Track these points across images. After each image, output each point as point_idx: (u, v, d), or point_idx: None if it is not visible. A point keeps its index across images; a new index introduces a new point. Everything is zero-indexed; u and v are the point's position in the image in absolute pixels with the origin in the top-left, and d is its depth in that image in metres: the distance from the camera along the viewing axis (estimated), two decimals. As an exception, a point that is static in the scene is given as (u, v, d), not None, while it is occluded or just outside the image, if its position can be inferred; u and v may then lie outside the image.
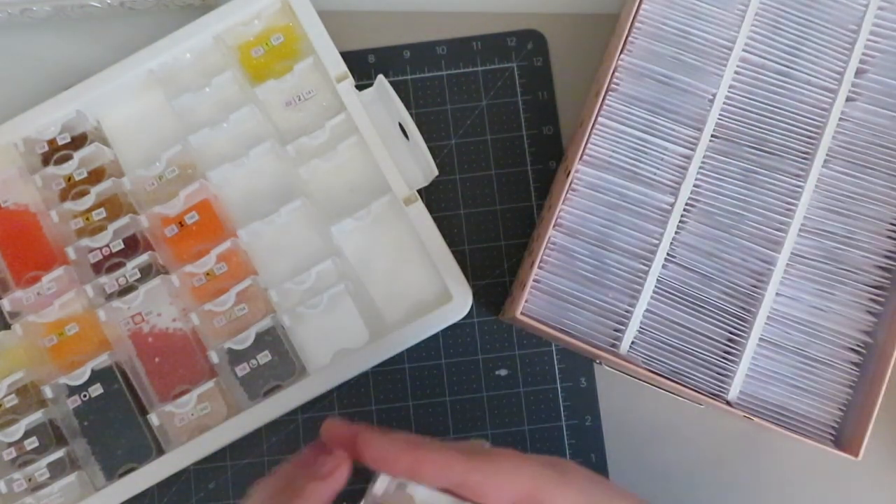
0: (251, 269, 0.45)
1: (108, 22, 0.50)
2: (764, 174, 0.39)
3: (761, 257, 0.39)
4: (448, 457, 0.28)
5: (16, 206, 0.46)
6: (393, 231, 0.46)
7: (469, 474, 0.28)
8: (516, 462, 0.29)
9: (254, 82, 0.47)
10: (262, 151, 0.46)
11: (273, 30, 0.47)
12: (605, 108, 0.40)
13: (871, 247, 0.39)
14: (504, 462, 0.29)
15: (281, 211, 0.45)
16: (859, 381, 0.38)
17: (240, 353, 0.44)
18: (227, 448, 0.43)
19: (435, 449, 0.29)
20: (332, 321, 0.45)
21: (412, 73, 0.49)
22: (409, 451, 0.28)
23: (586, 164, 0.40)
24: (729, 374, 0.38)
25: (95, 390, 0.43)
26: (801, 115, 0.40)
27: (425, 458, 0.28)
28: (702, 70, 0.40)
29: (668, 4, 0.41)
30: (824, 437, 0.38)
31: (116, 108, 0.48)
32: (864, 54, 0.40)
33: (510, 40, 0.49)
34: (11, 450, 0.43)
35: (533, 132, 0.48)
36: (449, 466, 0.28)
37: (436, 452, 0.29)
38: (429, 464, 0.28)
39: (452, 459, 0.28)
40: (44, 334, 0.45)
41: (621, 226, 0.39)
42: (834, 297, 0.39)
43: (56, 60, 0.50)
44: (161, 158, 0.46)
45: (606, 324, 0.39)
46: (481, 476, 0.28)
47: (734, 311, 0.39)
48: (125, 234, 0.45)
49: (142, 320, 0.45)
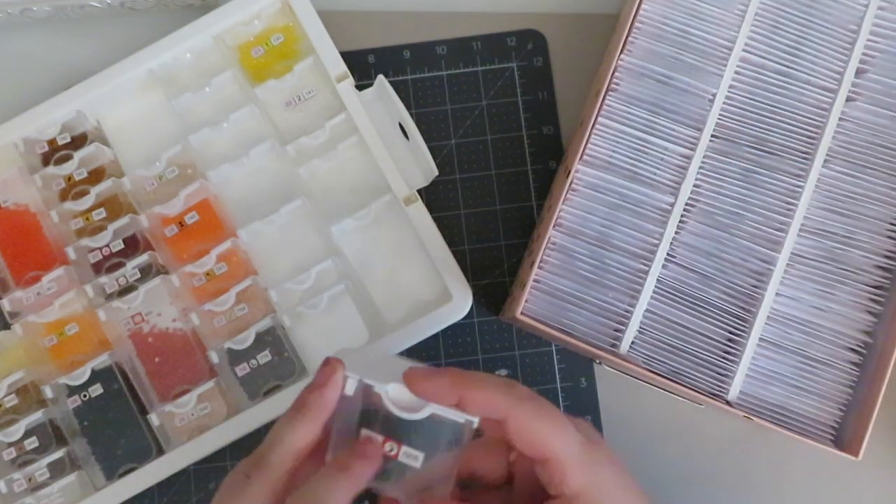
0: (251, 269, 0.45)
1: (108, 22, 0.50)
2: (764, 174, 0.39)
3: (761, 257, 0.39)
4: (495, 397, 0.30)
5: (16, 206, 0.46)
6: (393, 231, 0.46)
7: (512, 416, 0.30)
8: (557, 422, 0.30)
9: (254, 82, 0.47)
10: (262, 151, 0.46)
11: (273, 30, 0.47)
12: (605, 108, 0.40)
13: (871, 247, 0.39)
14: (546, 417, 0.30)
15: (281, 211, 0.45)
16: (859, 381, 0.38)
17: (240, 353, 0.44)
18: (227, 448, 0.43)
19: (482, 387, 0.31)
20: (332, 321, 0.45)
21: (412, 73, 0.49)
22: (455, 389, 0.31)
23: (586, 164, 0.40)
24: (729, 374, 0.38)
25: (95, 390, 0.43)
26: (801, 115, 0.40)
27: (473, 397, 0.30)
28: (702, 70, 0.40)
29: (668, 4, 0.41)
30: (824, 437, 0.38)
31: (116, 108, 0.48)
32: (864, 54, 0.40)
33: (510, 40, 0.49)
34: (11, 450, 0.43)
35: (533, 132, 0.48)
36: (495, 407, 0.30)
37: (483, 391, 0.30)
38: (474, 403, 0.30)
39: (499, 400, 0.30)
40: (44, 334, 0.45)
41: (621, 226, 0.39)
42: (834, 297, 0.39)
43: (56, 60, 0.50)
44: (161, 158, 0.46)
45: (606, 324, 0.39)
46: (520, 421, 0.30)
47: (734, 311, 0.39)
48: (125, 234, 0.45)
49: (142, 320, 0.45)
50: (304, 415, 0.31)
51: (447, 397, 0.31)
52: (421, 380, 0.31)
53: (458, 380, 0.31)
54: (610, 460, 0.31)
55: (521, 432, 0.30)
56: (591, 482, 0.30)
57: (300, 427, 0.30)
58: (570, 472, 0.30)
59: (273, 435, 0.31)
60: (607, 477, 0.31)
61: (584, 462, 0.30)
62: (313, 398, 0.31)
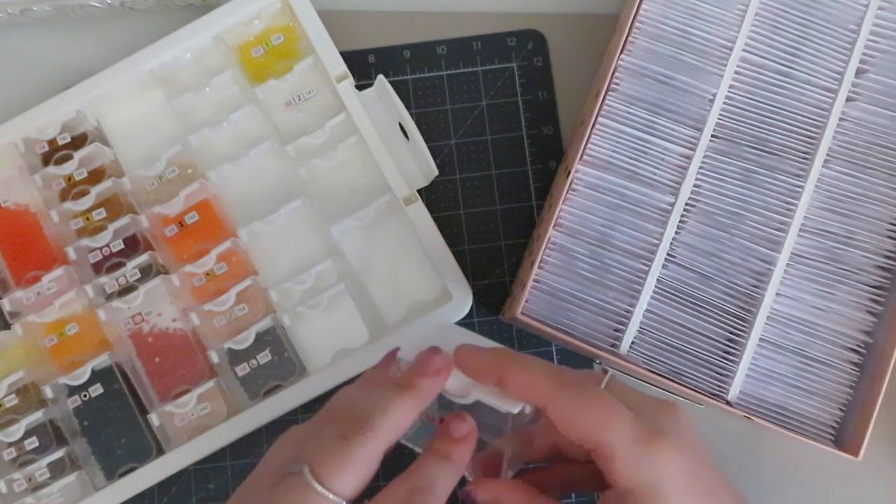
0: (251, 269, 0.45)
1: (108, 22, 0.50)
2: (764, 174, 0.39)
3: (761, 257, 0.39)
4: (535, 381, 0.30)
5: (16, 206, 0.46)
6: (393, 231, 0.46)
7: (552, 403, 0.29)
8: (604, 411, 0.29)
9: (254, 82, 0.47)
10: (262, 151, 0.46)
11: (273, 30, 0.47)
12: (605, 108, 0.40)
13: (871, 247, 0.39)
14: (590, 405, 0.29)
15: (281, 211, 0.45)
16: (859, 381, 0.38)
17: (240, 353, 0.44)
18: (227, 448, 0.43)
19: (523, 369, 0.30)
20: (332, 321, 0.45)
21: (412, 73, 0.49)
22: (496, 368, 0.30)
23: (586, 164, 0.40)
24: (729, 374, 0.38)
25: (95, 390, 0.43)
26: (801, 115, 0.40)
27: (513, 378, 0.30)
28: (702, 70, 0.40)
29: (668, 4, 0.41)
30: (824, 437, 0.38)
31: (116, 108, 0.48)
32: (864, 54, 0.40)
33: (510, 40, 0.49)
34: (11, 450, 0.43)
35: (533, 132, 0.48)
36: (534, 391, 0.30)
37: (524, 374, 0.30)
38: (514, 384, 0.30)
39: (539, 385, 0.30)
40: (44, 334, 0.45)
41: (621, 226, 0.39)
42: (834, 297, 0.39)
43: (56, 60, 0.50)
44: (161, 158, 0.46)
45: (606, 324, 0.39)
46: (561, 409, 0.29)
47: (734, 311, 0.39)
48: (125, 234, 0.45)
49: (142, 320, 0.45)
50: (414, 397, 0.30)
51: (488, 377, 0.30)
52: (467, 356, 0.31)
53: (502, 360, 0.30)
54: (679, 455, 0.28)
55: (563, 421, 0.29)
56: (646, 479, 0.28)
57: (409, 405, 0.30)
58: (619, 466, 0.28)
59: (374, 404, 0.29)
60: (671, 474, 0.28)
61: (637, 456, 0.28)
62: (427, 383, 0.30)
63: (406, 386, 0.30)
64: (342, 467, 0.27)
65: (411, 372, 0.31)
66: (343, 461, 0.27)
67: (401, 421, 0.29)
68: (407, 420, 0.30)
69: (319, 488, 0.27)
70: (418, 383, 0.30)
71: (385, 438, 0.29)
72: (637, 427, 0.28)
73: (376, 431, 0.28)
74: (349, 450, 0.28)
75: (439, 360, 0.31)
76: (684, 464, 0.28)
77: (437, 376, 0.30)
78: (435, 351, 0.31)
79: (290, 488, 0.27)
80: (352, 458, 0.28)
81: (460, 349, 0.31)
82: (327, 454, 0.28)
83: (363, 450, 0.28)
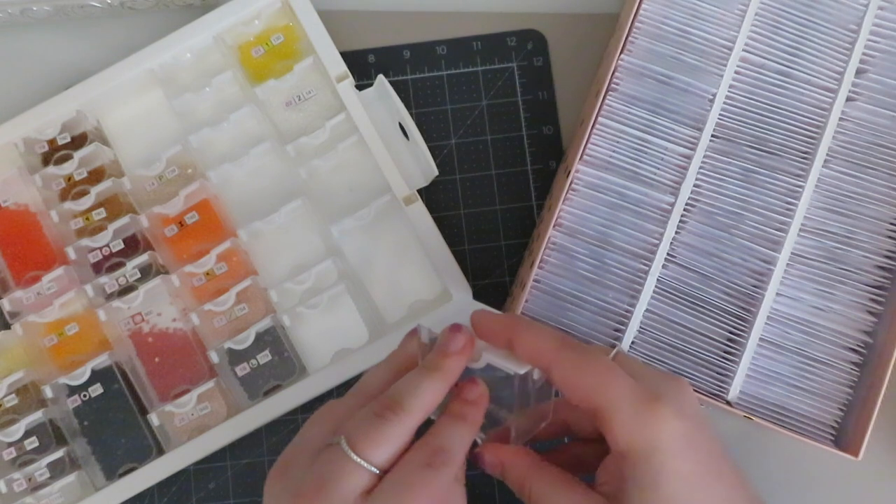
0: (251, 269, 0.45)
1: (108, 22, 0.50)
2: (764, 174, 0.39)
3: (761, 257, 0.39)
4: (540, 343, 0.31)
5: (16, 206, 0.46)
6: (393, 231, 0.46)
7: (555, 364, 0.31)
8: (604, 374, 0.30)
9: (254, 82, 0.47)
10: (262, 151, 0.46)
11: (273, 30, 0.47)
12: (605, 107, 0.40)
13: (871, 247, 0.39)
14: (590, 366, 0.30)
15: (281, 211, 0.45)
16: (859, 381, 0.38)
17: (240, 353, 0.44)
18: (227, 448, 0.43)
19: (531, 331, 0.31)
20: (332, 321, 0.45)
21: (412, 73, 0.49)
22: (506, 331, 0.32)
23: (586, 164, 0.40)
24: (729, 374, 0.38)
25: (95, 390, 0.43)
26: (801, 115, 0.40)
27: (520, 339, 0.31)
28: (702, 70, 0.40)
29: (668, 4, 0.41)
30: (824, 437, 0.38)
31: (116, 108, 0.48)
32: (864, 54, 0.40)
33: (510, 40, 0.49)
34: (11, 450, 0.43)
35: (533, 132, 0.48)
36: (539, 352, 0.31)
37: (531, 335, 0.31)
38: (521, 345, 0.31)
39: (544, 346, 0.31)
40: (44, 334, 0.45)
41: (621, 226, 0.39)
42: (834, 297, 0.39)
43: (56, 60, 0.50)
44: (161, 158, 0.46)
45: (606, 324, 0.39)
46: (563, 370, 0.30)
47: (734, 311, 0.39)
48: (125, 234, 0.45)
49: (142, 320, 0.45)
50: (441, 378, 0.31)
51: (499, 339, 0.32)
52: (481, 319, 0.33)
53: (512, 323, 0.32)
54: (678, 419, 0.28)
55: (565, 381, 0.30)
56: (643, 440, 0.28)
57: (437, 386, 0.31)
58: (616, 427, 0.29)
59: (406, 386, 0.31)
60: (669, 437, 0.28)
61: (634, 417, 0.28)
62: (452, 363, 0.31)
63: (433, 367, 0.31)
64: (377, 440, 0.29)
65: (436, 352, 0.32)
66: (378, 435, 0.29)
67: (431, 400, 0.31)
68: (436, 399, 0.31)
69: (356, 458, 0.29)
70: (444, 364, 0.31)
71: (417, 416, 0.30)
72: (636, 390, 0.29)
73: (410, 412, 0.30)
74: (384, 426, 0.29)
75: (462, 338, 0.32)
76: (682, 427, 0.28)
77: (460, 355, 0.32)
78: (457, 328, 0.32)
79: (329, 458, 0.29)
80: (386, 433, 0.29)
81: (476, 313, 0.33)
82: (364, 429, 0.29)
83: (397, 427, 0.30)
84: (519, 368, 0.31)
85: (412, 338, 0.34)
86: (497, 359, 0.32)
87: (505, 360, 0.32)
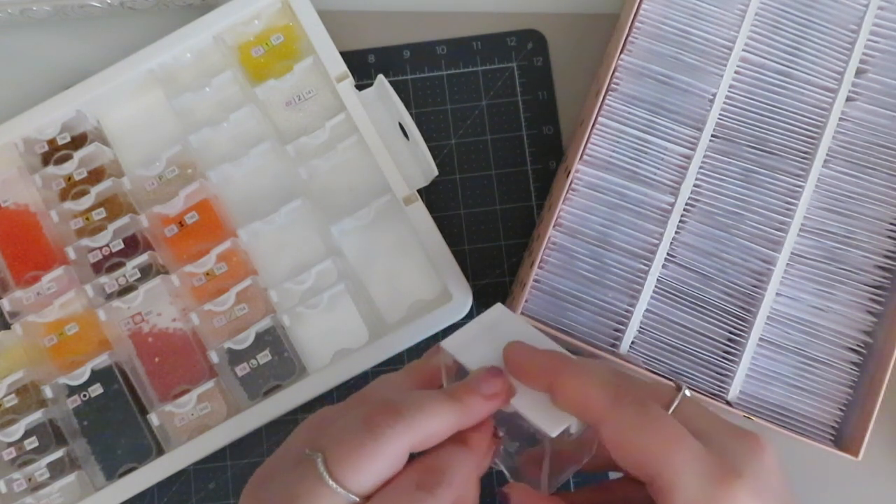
0: (251, 269, 0.45)
1: (108, 22, 0.50)
2: (764, 174, 0.39)
3: (761, 257, 0.39)
4: (590, 393, 0.26)
5: (16, 206, 0.46)
6: (393, 231, 0.46)
7: (607, 423, 0.26)
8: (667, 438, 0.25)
9: (254, 82, 0.47)
10: (262, 151, 0.46)
11: (273, 30, 0.47)
12: (605, 107, 0.40)
13: (871, 247, 0.39)
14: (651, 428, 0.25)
15: (281, 211, 0.45)
16: (859, 381, 0.38)
17: (240, 353, 0.44)
18: (227, 448, 0.43)
19: (579, 378, 0.26)
20: (332, 321, 0.45)
21: (412, 73, 0.49)
22: (548, 374, 0.27)
23: (586, 164, 0.40)
24: (729, 374, 0.38)
25: (95, 390, 0.43)
26: (801, 115, 0.40)
27: (563, 386, 0.26)
28: (702, 70, 0.40)
29: (668, 4, 0.41)
30: (824, 437, 0.38)
31: (116, 108, 0.48)
32: (864, 54, 0.40)
33: (510, 40, 0.49)
34: (11, 450, 0.43)
35: (533, 132, 0.48)
36: (588, 405, 0.26)
37: (579, 383, 0.26)
38: (565, 394, 0.26)
39: (595, 398, 0.26)
40: (44, 334, 0.45)
41: (621, 226, 0.39)
42: (834, 297, 0.39)
43: (56, 60, 0.50)
44: (161, 158, 0.46)
45: (606, 324, 0.39)
46: (617, 431, 0.25)
47: (734, 311, 0.39)
48: (125, 233, 0.45)
49: (142, 320, 0.45)
50: (457, 411, 0.27)
51: (538, 381, 0.27)
52: (518, 355, 0.28)
53: (556, 364, 0.27)
54: (756, 500, 0.24)
55: (618, 443, 0.25)
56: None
57: (448, 416, 0.26)
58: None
59: (413, 398, 0.27)
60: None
61: (702, 498, 0.23)
62: (476, 403, 0.27)
63: (455, 397, 0.27)
64: (359, 460, 0.25)
65: (465, 385, 0.27)
66: (362, 453, 0.25)
67: (434, 425, 0.26)
68: (440, 429, 0.26)
69: (331, 483, 0.24)
70: (467, 399, 0.27)
71: (413, 435, 0.25)
72: (706, 462, 0.24)
73: (406, 423, 0.25)
74: (371, 440, 0.25)
75: (498, 385, 0.27)
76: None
77: (489, 400, 0.27)
78: (497, 373, 0.28)
79: (301, 476, 0.25)
80: (372, 450, 0.25)
81: (511, 346, 0.28)
82: (347, 442, 0.25)
83: (386, 443, 0.25)
84: (553, 426, 0.26)
85: (437, 353, 0.30)
86: (529, 409, 0.27)
87: (539, 409, 0.27)
